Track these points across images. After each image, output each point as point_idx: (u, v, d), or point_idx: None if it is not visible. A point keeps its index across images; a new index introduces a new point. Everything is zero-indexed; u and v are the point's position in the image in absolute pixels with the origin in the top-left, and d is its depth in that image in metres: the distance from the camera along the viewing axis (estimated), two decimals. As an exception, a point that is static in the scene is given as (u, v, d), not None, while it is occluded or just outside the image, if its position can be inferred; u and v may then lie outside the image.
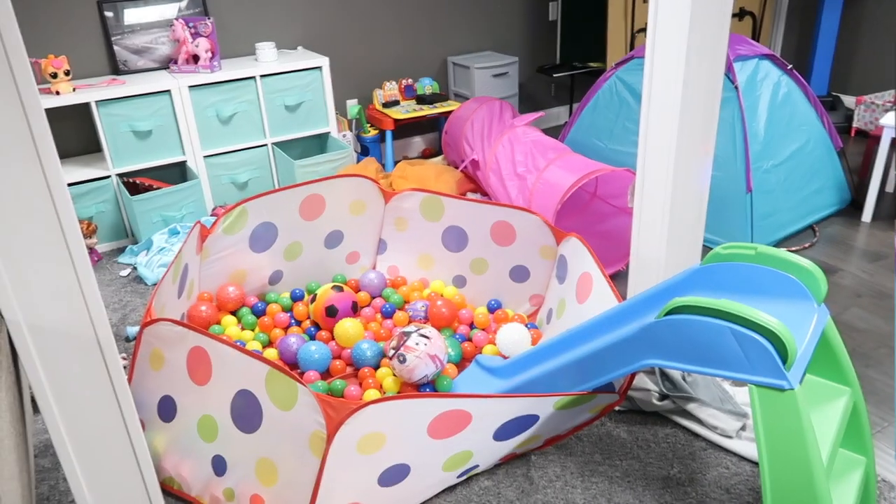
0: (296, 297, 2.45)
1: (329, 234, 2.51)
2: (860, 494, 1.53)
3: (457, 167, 3.50)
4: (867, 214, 3.12)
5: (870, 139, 3.39)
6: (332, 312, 2.24)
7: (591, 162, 2.79)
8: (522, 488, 1.72)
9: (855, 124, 4.06)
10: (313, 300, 2.28)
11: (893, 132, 2.98)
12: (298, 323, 2.35)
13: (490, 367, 1.99)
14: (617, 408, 1.95)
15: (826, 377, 1.58)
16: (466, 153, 3.35)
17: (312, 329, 2.29)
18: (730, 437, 1.83)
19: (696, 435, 1.88)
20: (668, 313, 1.43)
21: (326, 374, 2.11)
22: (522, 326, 2.16)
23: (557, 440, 1.86)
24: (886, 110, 3.87)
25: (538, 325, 2.30)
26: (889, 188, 3.44)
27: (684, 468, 1.77)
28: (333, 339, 2.21)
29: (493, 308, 2.41)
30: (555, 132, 4.14)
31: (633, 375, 1.77)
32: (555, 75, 4.30)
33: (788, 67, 3.06)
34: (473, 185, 3.40)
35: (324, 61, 3.42)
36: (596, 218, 3.02)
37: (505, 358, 2.09)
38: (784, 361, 1.32)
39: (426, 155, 4.19)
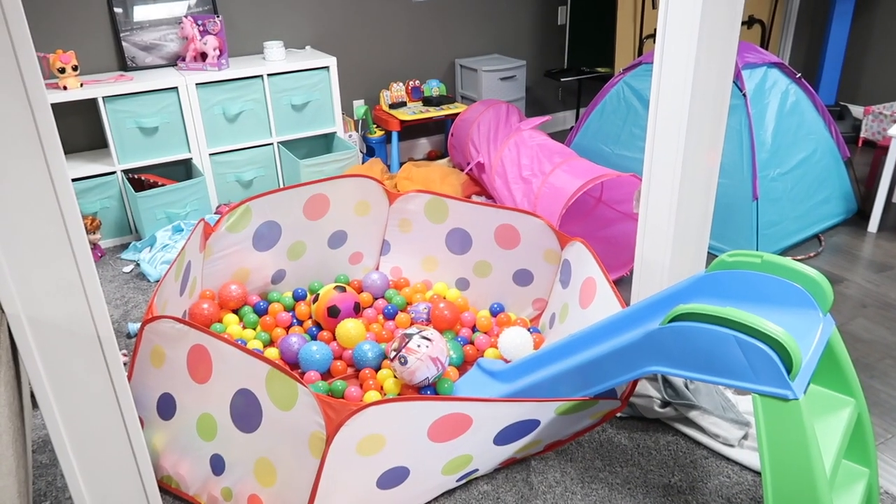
0: (298, 297, 2.44)
1: (333, 234, 2.51)
2: (863, 507, 1.52)
3: (462, 169, 3.50)
4: (873, 225, 3.10)
5: (877, 149, 3.36)
6: (334, 313, 2.23)
7: (597, 167, 2.78)
8: (522, 493, 1.70)
9: (863, 134, 4.04)
10: (315, 300, 2.28)
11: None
12: (300, 323, 2.35)
13: (492, 370, 1.98)
14: (618, 414, 1.94)
15: (830, 387, 1.56)
16: (472, 156, 3.35)
17: (314, 329, 2.28)
18: (732, 445, 1.82)
19: (698, 443, 1.86)
20: (673, 320, 1.42)
21: (327, 374, 2.10)
22: (525, 330, 2.15)
23: (558, 445, 1.84)
24: (895, 121, 3.86)
25: (541, 330, 2.29)
26: (896, 199, 3.42)
27: (685, 476, 1.76)
28: (335, 339, 2.20)
29: (495, 311, 2.40)
30: (561, 136, 4.14)
31: (635, 382, 1.75)
32: (562, 79, 4.29)
33: (797, 76, 3.05)
34: (479, 187, 3.39)
35: (331, 61, 3.42)
36: (601, 223, 3.01)
37: (507, 362, 2.08)
38: (788, 371, 1.30)
39: (432, 157, 4.19)
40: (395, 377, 1.99)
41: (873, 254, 2.92)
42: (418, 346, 1.90)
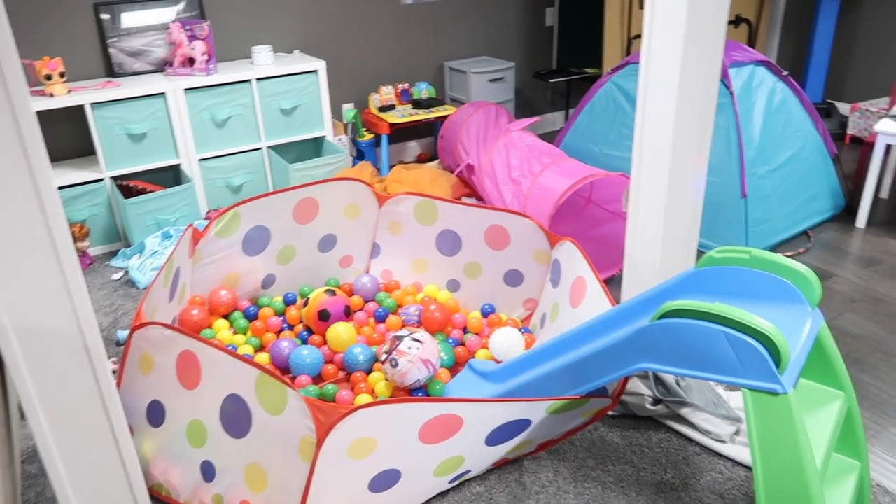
0: (289, 301, 2.43)
1: (323, 238, 2.50)
2: (855, 499, 1.52)
3: (452, 172, 3.50)
4: (861, 220, 3.12)
5: (864, 146, 3.39)
6: (324, 316, 2.23)
7: (586, 167, 2.79)
8: (515, 494, 1.70)
9: (849, 131, 4.07)
10: (306, 304, 2.27)
11: (887, 139, 2.98)
12: (291, 327, 2.34)
13: (483, 371, 1.98)
14: (610, 412, 1.94)
15: (820, 381, 1.57)
16: (462, 158, 3.35)
17: (305, 333, 2.28)
18: (724, 441, 1.82)
19: (690, 440, 1.87)
20: (662, 317, 1.43)
21: (318, 378, 2.10)
22: (515, 331, 2.15)
23: (550, 445, 1.84)
24: (881, 117, 3.88)
25: (532, 330, 2.29)
26: (883, 194, 3.44)
27: (678, 473, 1.76)
28: (326, 343, 2.20)
29: (486, 312, 2.40)
30: (551, 137, 4.14)
31: (626, 379, 1.75)
32: (551, 81, 4.30)
33: (784, 74, 3.07)
34: (469, 189, 3.39)
35: (320, 65, 3.42)
36: (590, 223, 3.02)
37: (498, 362, 2.07)
38: (778, 365, 1.31)
39: (422, 159, 4.18)
40: (386, 380, 1.98)
41: (862, 249, 2.94)
42: (409, 348, 1.90)
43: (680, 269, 2.07)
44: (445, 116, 3.73)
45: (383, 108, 3.84)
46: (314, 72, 3.42)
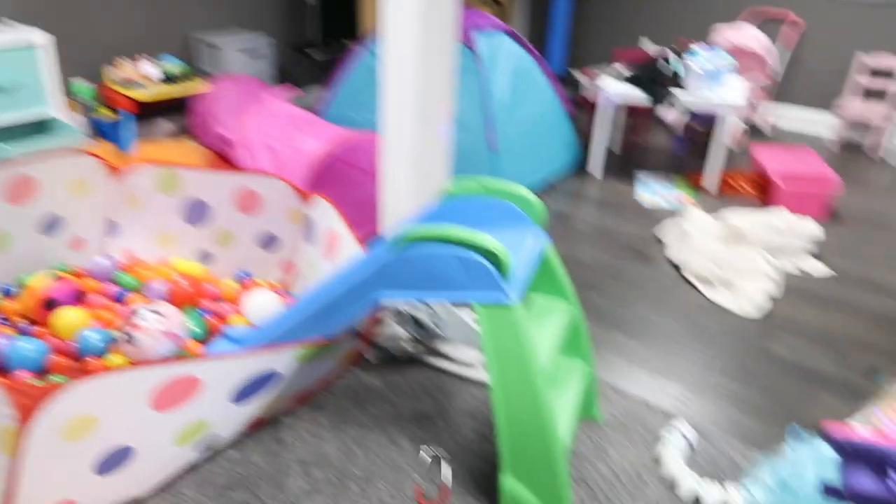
0: (6, 294, 2.09)
1: (45, 220, 2.18)
2: (583, 394, 1.69)
3: (208, 149, 3.27)
4: (596, 171, 3.53)
5: (595, 108, 3.82)
6: (50, 305, 1.94)
7: (345, 130, 2.77)
8: (272, 451, 1.62)
9: (584, 94, 4.57)
10: (26, 295, 1.96)
11: (605, 94, 3.38)
12: (7, 322, 2.00)
13: (237, 337, 1.87)
14: (371, 359, 1.95)
15: (548, 294, 1.71)
16: (218, 132, 3.15)
17: (26, 326, 1.96)
18: (473, 366, 1.92)
19: (445, 371, 1.94)
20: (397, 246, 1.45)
21: (44, 372, 1.82)
22: (270, 292, 2.07)
23: (308, 398, 1.79)
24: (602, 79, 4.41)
25: (290, 291, 2.22)
26: (613, 148, 3.91)
27: (434, 403, 1.81)
28: (53, 333, 1.92)
29: (241, 279, 2.27)
30: (314, 111, 4.08)
31: (375, 319, 1.76)
32: (312, 54, 4.23)
33: (525, 43, 3.32)
34: (225, 164, 3.20)
35: (41, 35, 2.98)
36: (353, 186, 3.00)
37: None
38: (502, 278, 1.39)
39: (173, 137, 3.86)
40: (126, 361, 1.78)
41: (596, 194, 3.33)
42: (147, 321, 1.72)
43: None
44: (197, 92, 3.48)
45: (125, 83, 3.47)
46: (34, 43, 2.97)
